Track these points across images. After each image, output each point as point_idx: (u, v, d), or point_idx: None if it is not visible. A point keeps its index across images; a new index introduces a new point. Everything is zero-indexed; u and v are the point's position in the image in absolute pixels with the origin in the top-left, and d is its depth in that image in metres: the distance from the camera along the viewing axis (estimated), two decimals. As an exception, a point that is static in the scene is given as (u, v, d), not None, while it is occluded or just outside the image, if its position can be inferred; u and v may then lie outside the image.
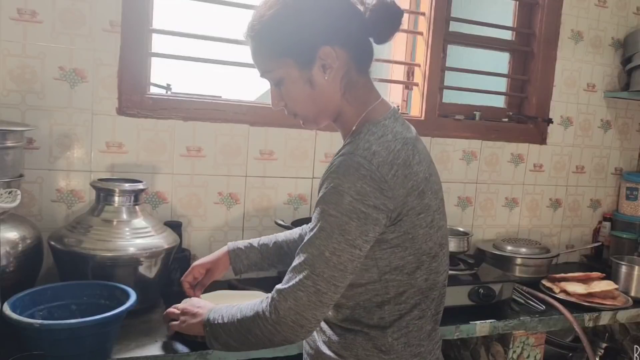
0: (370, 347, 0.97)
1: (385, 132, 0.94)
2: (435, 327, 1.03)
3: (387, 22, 0.97)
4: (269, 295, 0.94)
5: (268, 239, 1.34)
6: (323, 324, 1.06)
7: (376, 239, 0.91)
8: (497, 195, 2.18)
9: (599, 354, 2.11)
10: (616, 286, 1.82)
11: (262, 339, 0.94)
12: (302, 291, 0.89)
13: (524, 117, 2.19)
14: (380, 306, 0.96)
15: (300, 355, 1.32)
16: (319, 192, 0.93)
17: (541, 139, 2.22)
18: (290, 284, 0.90)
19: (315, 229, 0.90)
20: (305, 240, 0.92)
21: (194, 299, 1.21)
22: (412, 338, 0.98)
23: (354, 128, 0.98)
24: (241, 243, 1.33)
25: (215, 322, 1.01)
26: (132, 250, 1.36)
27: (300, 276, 0.89)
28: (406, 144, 0.94)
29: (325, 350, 1.02)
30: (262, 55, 0.98)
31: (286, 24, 0.93)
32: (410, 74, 2.12)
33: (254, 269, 1.33)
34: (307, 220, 1.27)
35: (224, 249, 1.32)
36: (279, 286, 0.93)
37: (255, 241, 1.33)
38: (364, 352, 0.97)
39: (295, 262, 0.92)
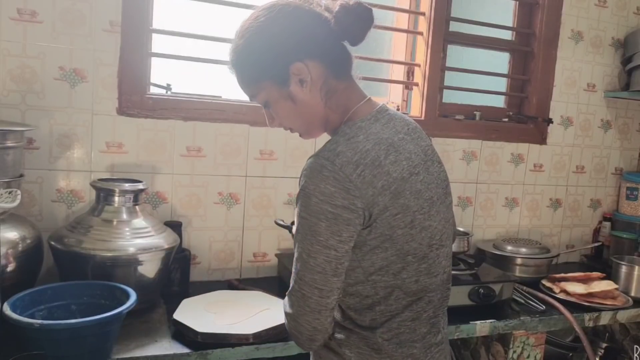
0: (364, 346, 0.98)
1: (358, 132, 0.94)
2: (432, 330, 1.02)
3: (355, 24, 0.97)
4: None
5: None
6: None
7: (355, 242, 0.92)
8: (497, 195, 2.18)
9: (599, 354, 2.11)
10: (616, 286, 1.82)
11: None
12: (293, 295, 0.94)
13: (524, 117, 2.19)
14: (371, 307, 0.96)
15: (300, 355, 1.32)
16: None
17: (541, 139, 2.22)
18: (289, 289, 0.95)
19: (295, 231, 0.94)
20: None
21: None
22: (404, 340, 0.98)
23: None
24: None
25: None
26: (132, 250, 1.36)
27: (292, 281, 0.94)
28: (379, 143, 0.93)
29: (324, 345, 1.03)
30: (244, 82, 1.02)
31: (257, 49, 0.97)
32: (410, 74, 2.12)
33: None
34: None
35: None
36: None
37: None
38: (357, 350, 0.98)
39: None
